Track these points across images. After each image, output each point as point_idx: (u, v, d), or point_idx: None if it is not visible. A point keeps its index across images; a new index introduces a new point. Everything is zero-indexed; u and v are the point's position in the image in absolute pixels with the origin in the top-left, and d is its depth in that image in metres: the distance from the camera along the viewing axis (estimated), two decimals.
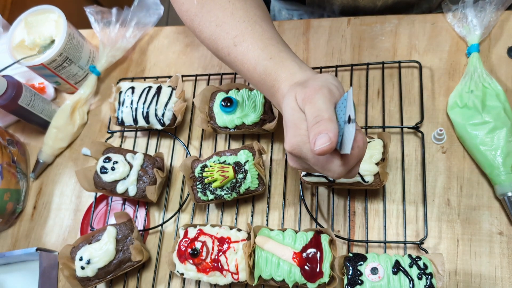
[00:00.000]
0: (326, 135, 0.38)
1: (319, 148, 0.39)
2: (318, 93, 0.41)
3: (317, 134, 0.39)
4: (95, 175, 0.69)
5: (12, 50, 0.78)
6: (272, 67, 0.48)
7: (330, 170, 0.43)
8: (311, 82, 0.43)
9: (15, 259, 0.71)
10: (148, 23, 0.84)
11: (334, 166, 0.42)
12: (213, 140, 0.74)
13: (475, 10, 0.67)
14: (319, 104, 0.40)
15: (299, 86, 0.43)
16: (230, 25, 0.52)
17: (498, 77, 0.67)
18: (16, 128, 0.86)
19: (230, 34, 0.52)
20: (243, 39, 0.51)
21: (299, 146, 0.42)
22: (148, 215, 0.72)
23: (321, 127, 0.39)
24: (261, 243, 0.59)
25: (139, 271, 0.69)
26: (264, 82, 0.50)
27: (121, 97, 0.74)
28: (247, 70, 0.51)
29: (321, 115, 0.40)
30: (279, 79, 0.48)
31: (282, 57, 0.49)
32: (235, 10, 0.52)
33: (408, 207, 0.63)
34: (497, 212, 0.61)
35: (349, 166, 0.42)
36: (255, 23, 0.51)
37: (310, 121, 0.40)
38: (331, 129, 0.39)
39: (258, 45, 0.50)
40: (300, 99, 0.42)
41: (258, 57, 0.50)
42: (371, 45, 0.74)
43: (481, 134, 0.61)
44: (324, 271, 0.56)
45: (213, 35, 0.53)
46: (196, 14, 0.55)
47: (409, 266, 0.54)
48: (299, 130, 0.42)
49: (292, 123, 0.43)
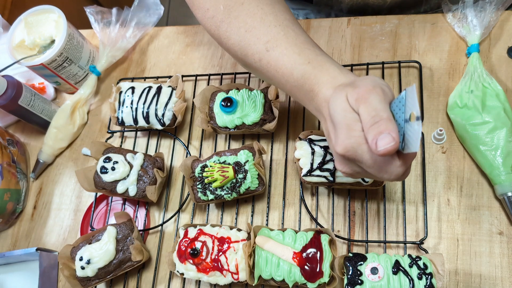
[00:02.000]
0: (388, 135, 0.38)
1: (383, 149, 0.38)
2: (372, 93, 0.40)
3: (377, 134, 0.38)
4: (95, 175, 0.69)
5: (12, 50, 0.78)
6: (311, 71, 0.47)
7: (388, 172, 0.41)
8: (361, 82, 0.42)
9: (15, 259, 0.71)
10: (148, 23, 0.84)
11: (393, 167, 0.41)
12: (213, 140, 0.74)
13: (475, 10, 0.67)
14: (375, 104, 0.39)
15: (349, 87, 0.42)
16: (261, 31, 0.50)
17: (498, 77, 0.67)
18: (16, 128, 0.86)
19: (261, 40, 0.50)
20: (276, 44, 0.49)
21: (354, 148, 0.41)
22: (148, 215, 0.72)
23: (381, 127, 0.38)
24: (261, 243, 0.59)
25: (139, 271, 0.69)
26: (302, 87, 0.48)
27: (121, 97, 0.74)
28: (281, 75, 0.50)
29: (379, 115, 0.39)
30: (319, 83, 0.46)
31: (321, 60, 0.47)
32: (264, 15, 0.50)
33: (408, 207, 0.63)
34: (497, 212, 0.61)
35: (407, 166, 0.41)
36: (286, 27, 0.50)
37: (367, 121, 0.39)
38: (393, 129, 0.38)
39: (294, 50, 0.48)
40: (353, 99, 0.41)
41: (295, 62, 0.48)
42: (371, 45, 0.74)
43: (481, 134, 0.61)
44: (324, 271, 0.56)
45: (242, 41, 0.52)
46: (223, 21, 0.53)
47: (409, 266, 0.54)
48: (353, 132, 0.41)
49: (345, 124, 0.41)
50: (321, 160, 0.60)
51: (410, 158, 0.41)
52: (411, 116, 0.38)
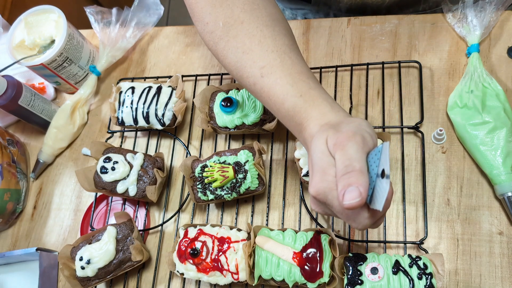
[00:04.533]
0: (356, 189, 0.37)
1: (348, 203, 0.37)
2: (351, 140, 0.39)
3: (346, 186, 0.37)
4: (95, 175, 0.69)
5: (12, 50, 0.78)
6: (302, 105, 0.46)
7: (356, 221, 0.41)
8: (345, 126, 0.41)
9: (15, 259, 0.71)
10: (148, 23, 0.84)
11: (361, 218, 0.40)
12: (213, 140, 0.74)
13: (475, 10, 0.67)
14: (351, 153, 0.38)
15: (331, 129, 0.41)
16: (258, 54, 0.49)
17: (498, 77, 0.67)
18: (16, 128, 0.86)
19: (257, 64, 0.49)
20: (271, 71, 0.48)
21: (325, 193, 0.41)
22: (148, 215, 0.72)
23: (351, 178, 0.37)
24: (261, 243, 0.59)
25: (139, 271, 0.69)
26: (292, 118, 0.47)
27: (121, 97, 0.74)
28: (273, 103, 0.49)
29: (352, 165, 0.38)
30: (308, 118, 0.45)
31: (313, 95, 0.46)
32: (263, 38, 0.49)
33: (408, 207, 0.63)
34: (497, 212, 0.61)
35: (376, 218, 0.41)
36: (284, 53, 0.49)
37: (340, 169, 0.39)
38: (362, 183, 0.37)
39: (287, 80, 0.47)
40: (331, 144, 0.40)
41: (287, 93, 0.47)
42: (371, 45, 0.74)
43: (481, 134, 0.61)
44: (324, 271, 0.56)
45: (239, 62, 0.51)
46: (221, 38, 0.52)
47: (409, 266, 0.54)
48: (327, 176, 0.40)
49: (320, 167, 0.41)
50: None
51: (379, 213, 0.40)
52: (382, 173, 0.37)
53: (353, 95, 0.71)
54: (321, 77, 0.74)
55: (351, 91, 0.71)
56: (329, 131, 0.42)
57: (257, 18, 0.50)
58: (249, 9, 0.51)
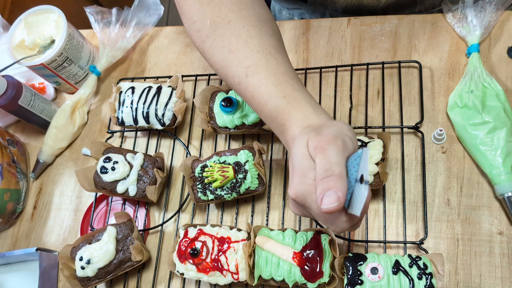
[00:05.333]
0: (335, 193, 0.37)
1: (326, 207, 0.37)
2: (331, 144, 0.39)
3: (325, 190, 0.37)
4: (95, 175, 0.69)
5: (12, 50, 0.78)
6: (285, 106, 0.46)
7: (333, 224, 0.41)
8: (326, 129, 0.41)
9: (15, 259, 0.71)
10: (148, 23, 0.84)
11: (339, 221, 0.41)
12: (213, 140, 0.74)
13: (475, 10, 0.67)
14: (331, 156, 0.38)
15: (312, 132, 0.41)
16: (243, 54, 0.49)
17: (498, 77, 0.67)
18: (16, 128, 0.86)
19: (242, 64, 0.49)
20: (256, 71, 0.48)
21: (304, 196, 0.41)
22: (148, 215, 0.72)
23: (330, 182, 0.37)
24: (261, 243, 0.59)
25: (139, 271, 0.69)
26: (274, 119, 0.47)
27: (121, 97, 0.74)
28: (257, 103, 0.49)
29: (332, 169, 0.38)
30: (291, 119, 0.45)
31: (296, 96, 0.46)
32: (249, 38, 0.49)
33: (408, 207, 0.63)
34: (497, 212, 0.61)
35: (354, 222, 0.41)
36: (269, 54, 0.49)
37: (319, 173, 0.39)
38: (341, 188, 0.37)
39: (272, 81, 0.47)
40: (312, 147, 0.40)
41: (271, 94, 0.47)
42: (371, 45, 0.74)
43: (481, 134, 0.61)
44: (324, 271, 0.56)
45: (224, 61, 0.51)
46: (208, 36, 0.52)
47: (409, 266, 0.54)
48: (307, 179, 0.40)
49: (300, 169, 0.41)
50: None
51: (356, 217, 0.40)
52: (361, 178, 0.38)
53: (353, 95, 0.71)
54: (321, 77, 0.74)
55: (351, 91, 0.71)
56: (310, 133, 0.42)
57: (244, 17, 0.51)
58: (237, 9, 0.51)
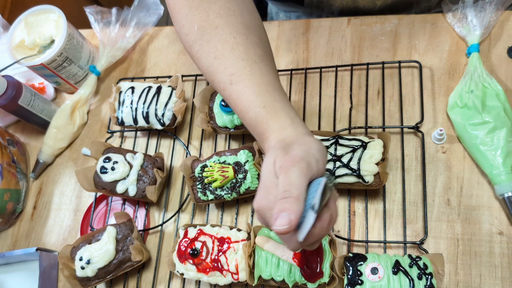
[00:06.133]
0: (287, 215, 0.38)
1: (277, 229, 0.38)
2: (295, 166, 0.40)
3: (280, 211, 0.38)
4: (95, 175, 0.69)
5: (12, 50, 0.78)
6: (264, 116, 0.47)
7: (286, 242, 0.43)
8: (293, 149, 0.42)
9: (15, 259, 0.71)
10: (148, 23, 0.84)
11: (292, 241, 0.42)
12: (213, 140, 0.74)
13: (475, 10, 0.67)
14: (292, 178, 0.39)
15: (280, 150, 0.42)
16: (229, 61, 0.50)
17: (498, 77, 0.67)
18: (16, 128, 0.86)
19: (227, 70, 0.50)
20: (240, 79, 0.49)
21: (264, 210, 0.42)
22: (148, 215, 0.72)
23: (286, 204, 0.38)
24: (261, 243, 0.59)
25: (139, 271, 0.69)
26: (255, 128, 0.48)
27: (121, 97, 0.74)
28: (240, 111, 0.50)
29: (290, 191, 0.39)
30: (269, 130, 0.46)
31: (276, 107, 0.47)
32: (235, 45, 0.50)
33: (408, 207, 0.63)
34: (497, 212, 0.61)
35: (306, 244, 0.42)
36: (254, 63, 0.49)
37: (279, 193, 0.40)
38: (295, 210, 0.38)
39: (254, 90, 0.48)
40: (278, 166, 0.41)
41: (252, 103, 0.48)
42: (371, 45, 0.74)
43: (481, 134, 0.61)
44: (324, 271, 0.56)
45: (211, 67, 0.51)
46: (195, 41, 0.52)
47: (409, 266, 0.54)
48: (269, 195, 0.41)
49: (265, 185, 0.42)
50: None
51: (310, 238, 0.41)
52: (313, 206, 0.39)
53: (353, 95, 0.71)
54: (321, 77, 0.74)
55: (351, 91, 0.71)
56: (278, 151, 0.42)
57: (232, 24, 0.51)
58: (225, 15, 0.51)
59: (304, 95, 0.73)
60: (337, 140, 0.61)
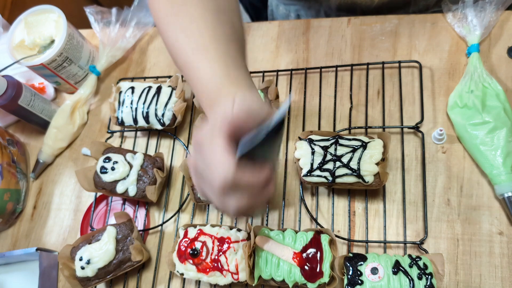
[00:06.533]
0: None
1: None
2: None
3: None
4: (95, 175, 0.69)
5: (12, 50, 0.78)
6: (225, 83, 0.46)
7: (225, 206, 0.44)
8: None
9: (15, 259, 0.71)
10: (148, 23, 0.84)
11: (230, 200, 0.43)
12: None
13: (475, 10, 0.67)
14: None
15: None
16: (195, 36, 0.49)
17: (498, 77, 0.67)
18: (16, 128, 0.86)
19: (192, 44, 0.49)
20: (203, 54, 0.48)
21: (200, 169, 0.44)
22: (148, 215, 0.72)
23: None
24: (261, 243, 0.59)
25: (139, 271, 0.69)
26: (208, 96, 0.47)
27: (121, 97, 0.74)
28: (195, 84, 0.49)
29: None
30: (222, 94, 0.45)
31: (238, 78, 0.46)
32: (203, 22, 0.49)
33: (408, 207, 0.63)
34: (497, 212, 0.61)
35: (238, 204, 0.43)
36: (220, 40, 0.48)
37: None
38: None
39: (214, 66, 0.47)
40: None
41: (212, 76, 0.46)
42: (371, 45, 0.74)
43: (481, 134, 0.61)
44: (324, 271, 0.56)
45: (177, 41, 0.50)
46: (165, 16, 0.52)
47: (409, 266, 0.54)
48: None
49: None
50: (321, 160, 0.60)
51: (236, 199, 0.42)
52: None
53: (353, 95, 0.71)
54: (321, 77, 0.74)
55: (351, 91, 0.71)
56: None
57: (202, 2, 0.50)
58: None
59: (304, 95, 0.73)
60: (337, 140, 0.61)
